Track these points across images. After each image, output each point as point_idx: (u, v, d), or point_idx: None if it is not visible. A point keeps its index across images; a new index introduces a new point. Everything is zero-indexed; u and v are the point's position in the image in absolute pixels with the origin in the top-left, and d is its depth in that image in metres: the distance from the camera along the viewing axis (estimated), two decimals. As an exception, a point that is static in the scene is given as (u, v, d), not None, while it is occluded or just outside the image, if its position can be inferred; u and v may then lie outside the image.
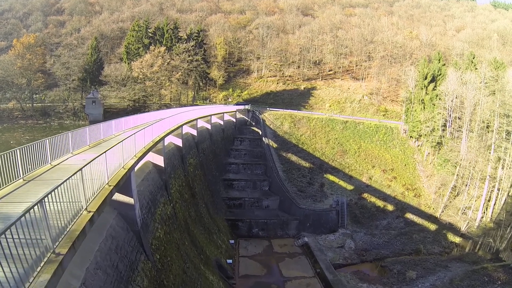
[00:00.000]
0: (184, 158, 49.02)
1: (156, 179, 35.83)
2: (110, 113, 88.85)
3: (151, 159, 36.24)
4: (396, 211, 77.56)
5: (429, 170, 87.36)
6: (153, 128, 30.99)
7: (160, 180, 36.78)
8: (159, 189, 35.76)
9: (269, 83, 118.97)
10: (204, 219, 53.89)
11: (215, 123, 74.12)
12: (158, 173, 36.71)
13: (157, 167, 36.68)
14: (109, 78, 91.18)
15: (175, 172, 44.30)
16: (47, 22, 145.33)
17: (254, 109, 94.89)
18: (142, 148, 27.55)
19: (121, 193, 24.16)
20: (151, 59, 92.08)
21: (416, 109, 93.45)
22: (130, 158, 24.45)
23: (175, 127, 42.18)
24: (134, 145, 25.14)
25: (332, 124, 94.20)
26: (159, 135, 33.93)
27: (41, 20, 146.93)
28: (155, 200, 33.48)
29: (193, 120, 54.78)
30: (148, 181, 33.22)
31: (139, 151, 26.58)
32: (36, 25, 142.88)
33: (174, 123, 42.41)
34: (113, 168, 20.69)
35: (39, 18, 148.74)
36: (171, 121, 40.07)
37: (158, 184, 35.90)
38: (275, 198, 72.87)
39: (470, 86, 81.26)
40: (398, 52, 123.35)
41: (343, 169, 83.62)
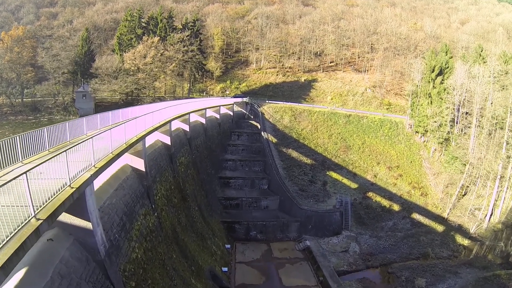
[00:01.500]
0: (173, 157, 42.54)
1: (136, 186, 29.43)
2: (102, 107, 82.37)
3: (130, 163, 29.81)
4: (402, 211, 71.63)
5: (436, 168, 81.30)
6: (126, 127, 24.38)
7: (141, 187, 30.39)
8: (139, 198, 29.40)
9: (268, 74, 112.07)
10: (196, 224, 47.69)
11: (211, 117, 67.58)
12: (138, 178, 30.30)
13: (137, 171, 30.24)
14: (100, 70, 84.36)
15: (162, 174, 37.86)
16: (39, 15, 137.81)
17: (252, 102, 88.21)
18: (109, 154, 21.13)
19: (74, 215, 17.81)
20: (144, 50, 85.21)
21: (423, 103, 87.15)
22: (87, 169, 17.99)
23: (161, 123, 35.65)
24: (93, 151, 18.51)
25: (335, 117, 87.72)
26: (137, 135, 27.43)
27: (33, 13, 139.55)
28: (133, 213, 27.17)
29: (184, 114, 48.21)
30: (124, 190, 26.87)
31: (103, 158, 20.12)
32: (28, 18, 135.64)
33: (160, 119, 35.91)
34: (53, 189, 14.28)
35: (31, 10, 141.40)
36: (155, 117, 33.48)
37: (138, 192, 29.52)
38: (274, 198, 66.46)
39: (479, 80, 75.08)
40: (402, 44, 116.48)
41: (347, 166, 77.29)
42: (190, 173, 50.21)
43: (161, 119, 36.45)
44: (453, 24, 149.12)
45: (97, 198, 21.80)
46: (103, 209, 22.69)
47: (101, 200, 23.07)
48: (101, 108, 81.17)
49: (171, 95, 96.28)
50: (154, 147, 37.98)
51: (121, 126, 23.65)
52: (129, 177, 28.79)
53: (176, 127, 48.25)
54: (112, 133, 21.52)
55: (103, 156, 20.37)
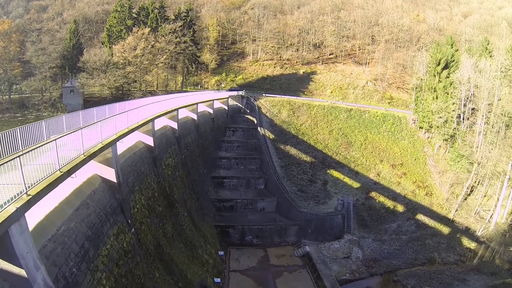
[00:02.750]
0: (157, 160, 37.13)
1: (106, 200, 24.14)
2: (91, 103, 76.28)
3: (99, 172, 24.42)
4: (406, 212, 66.88)
5: (441, 166, 76.30)
6: (87, 131, 18.95)
7: (113, 201, 25.10)
8: (110, 215, 24.13)
9: (265, 67, 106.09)
10: (186, 232, 42.54)
11: (203, 112, 62.15)
12: (109, 191, 24.97)
13: (108, 183, 24.88)
14: (88, 64, 78.37)
15: (142, 181, 32.48)
16: (29, 8, 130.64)
17: (248, 95, 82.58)
18: (56, 172, 15.73)
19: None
20: (134, 42, 78.94)
21: (427, 98, 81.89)
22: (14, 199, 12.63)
23: (139, 123, 30.18)
24: (22, 172, 13.06)
25: (335, 112, 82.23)
26: (104, 141, 22.05)
27: (22, 6, 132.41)
28: (99, 236, 21.91)
29: (172, 110, 42.74)
30: (89, 209, 21.60)
31: (44, 180, 14.69)
32: (17, 11, 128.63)
33: (141, 117, 30.53)
34: None
35: (20, 3, 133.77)
36: (131, 117, 28.03)
37: (109, 207, 24.26)
38: (271, 199, 61.09)
39: (486, 74, 70.05)
40: (404, 36, 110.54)
41: (349, 164, 71.98)
42: (178, 175, 44.83)
43: (142, 117, 31.09)
44: (455, 17, 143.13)
45: (45, 227, 16.92)
46: (55, 238, 17.61)
47: (54, 227, 18.07)
48: (90, 103, 75.10)
49: (163, 89, 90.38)
50: (134, 150, 32.56)
51: (77, 133, 18.24)
52: (97, 190, 23.49)
53: (162, 125, 42.99)
54: (63, 142, 16.07)
55: (45, 177, 14.95)
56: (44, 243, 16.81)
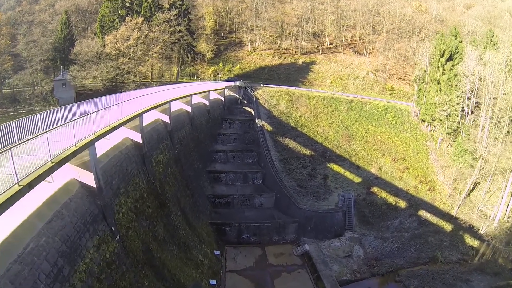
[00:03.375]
0: (147, 157, 34.06)
1: (85, 208, 21.26)
2: (83, 96, 73.27)
3: (77, 177, 21.44)
4: (409, 209, 64.57)
5: (444, 160, 73.80)
6: (49, 136, 15.89)
7: (93, 208, 22.22)
8: (90, 224, 21.30)
9: (263, 56, 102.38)
10: (179, 233, 39.69)
11: (198, 104, 59.00)
12: (89, 197, 22.00)
13: (87, 188, 21.89)
14: (79, 56, 74.78)
15: (129, 183, 29.49)
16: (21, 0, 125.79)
17: (246, 86, 79.30)
18: (15, 186, 12.75)
19: None
20: (127, 32, 75.19)
21: (430, 90, 78.99)
22: None
23: (124, 119, 27.18)
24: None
25: (336, 103, 79.11)
26: (79, 143, 19.06)
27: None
28: (76, 249, 19.13)
29: (164, 103, 39.60)
30: (63, 220, 18.83)
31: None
32: (9, 3, 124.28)
33: (127, 112, 27.50)
34: None
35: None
36: (115, 112, 25.00)
37: (88, 216, 21.40)
38: (270, 195, 58.13)
39: (491, 67, 67.19)
40: (406, 26, 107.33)
41: (349, 158, 69.11)
42: (171, 172, 41.83)
43: (128, 112, 28.06)
44: (457, 8, 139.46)
45: (11, 246, 14.74)
46: (21, 259, 15.02)
47: (20, 245, 15.36)
48: (83, 96, 71.95)
49: (158, 80, 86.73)
50: (120, 148, 29.54)
51: (44, 136, 15.21)
52: (75, 197, 20.54)
53: (153, 119, 39.87)
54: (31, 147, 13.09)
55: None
56: (9, 265, 14.12)
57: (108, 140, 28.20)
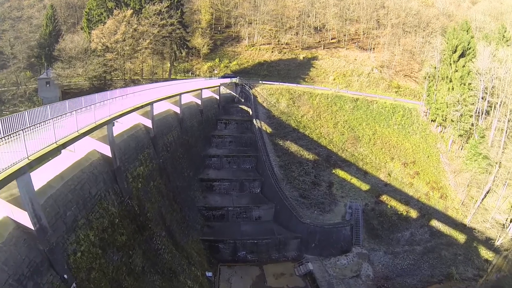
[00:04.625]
0: (119, 173, 27.15)
1: (18, 258, 14.89)
2: (70, 95, 64.64)
3: (11, 215, 14.54)
4: (420, 219, 58.43)
5: (456, 164, 67.29)
6: None
7: (35, 255, 15.48)
8: (27, 278, 15.24)
9: (262, 51, 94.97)
10: (163, 257, 32.95)
11: (189, 104, 52.05)
12: (27, 241, 15.18)
13: (24, 230, 14.97)
14: (63, 52, 67.60)
15: (92, 210, 22.82)
16: None
17: (243, 83, 72.04)
18: None
19: None
20: (114, 26, 67.75)
21: (441, 89, 72.12)
22: None
23: (86, 129, 20.24)
24: None
25: (340, 102, 71.94)
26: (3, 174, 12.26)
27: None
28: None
29: (145, 104, 32.48)
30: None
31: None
32: None
33: (78, 126, 20.40)
34: None
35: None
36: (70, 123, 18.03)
37: (24, 268, 14.96)
38: (269, 206, 51.21)
39: (507, 65, 61.56)
40: (412, 21, 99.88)
41: (356, 162, 62.16)
42: (154, 186, 34.82)
43: (97, 117, 21.13)
44: (463, 3, 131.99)
45: None
46: None
47: None
48: (69, 96, 64.15)
49: (149, 78, 78.88)
50: (81, 166, 22.82)
51: None
52: (6, 244, 13.63)
53: (132, 124, 32.86)
54: None
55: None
56: None
57: (72, 151, 21.39)
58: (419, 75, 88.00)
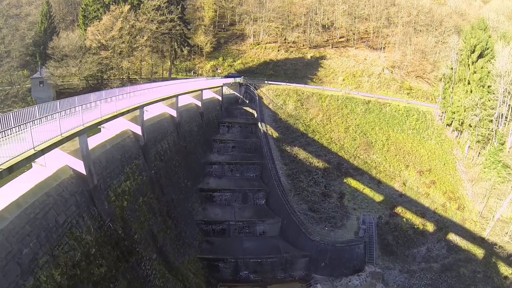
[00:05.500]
0: (97, 192, 22.26)
1: None
2: (65, 95, 59.34)
3: None
4: (437, 232, 53.33)
5: (473, 172, 62.06)
6: None
7: None
8: None
9: (268, 50, 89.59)
10: (153, 283, 28.11)
11: (188, 106, 46.99)
12: None
13: None
14: (56, 50, 63.05)
15: (59, 243, 18.19)
16: None
17: (248, 83, 66.81)
18: None
19: None
20: (110, 22, 62.90)
21: (457, 91, 66.90)
22: None
23: (54, 141, 15.34)
24: None
25: (351, 104, 66.64)
26: None
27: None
28: None
29: (134, 108, 27.40)
30: None
31: None
32: None
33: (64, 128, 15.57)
34: None
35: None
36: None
37: None
38: (274, 220, 45.99)
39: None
40: (424, 19, 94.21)
41: (369, 171, 56.90)
42: (143, 202, 29.76)
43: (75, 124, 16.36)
44: (474, 2, 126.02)
45: None
46: None
47: None
48: (64, 96, 59.59)
49: (148, 77, 73.51)
50: (48, 187, 17.80)
51: None
52: None
53: (118, 132, 27.82)
54: None
55: None
56: None
57: (44, 166, 16.46)
58: (431, 76, 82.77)
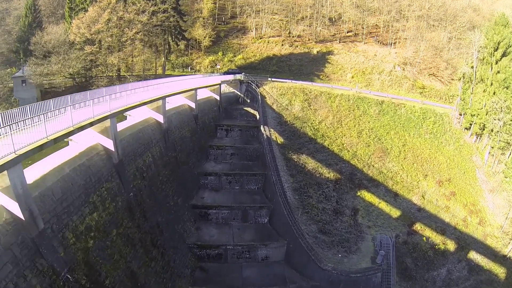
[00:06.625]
0: (45, 241, 15.09)
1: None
2: (51, 95, 53.95)
3: None
4: (458, 252, 47.56)
5: (494, 182, 55.82)
6: None
7: None
8: None
9: (271, 44, 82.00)
10: None
11: (179, 108, 39.91)
12: None
13: None
14: (38, 46, 56.25)
15: None
16: None
17: (249, 80, 59.53)
18: None
19: None
20: (96, 14, 55.87)
21: (477, 92, 60.36)
22: None
23: None
24: None
25: (364, 105, 59.48)
26: None
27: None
28: None
29: (103, 117, 20.30)
30: None
31: None
32: None
33: None
34: None
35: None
36: None
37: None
38: (279, 244, 38.59)
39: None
40: (438, 13, 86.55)
41: (385, 181, 49.98)
42: (118, 236, 22.96)
43: None
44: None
45: None
46: None
47: None
48: (49, 96, 53.04)
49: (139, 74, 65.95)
50: None
51: None
52: None
53: (83, 149, 20.74)
54: None
55: None
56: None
57: None
58: (445, 74, 75.55)
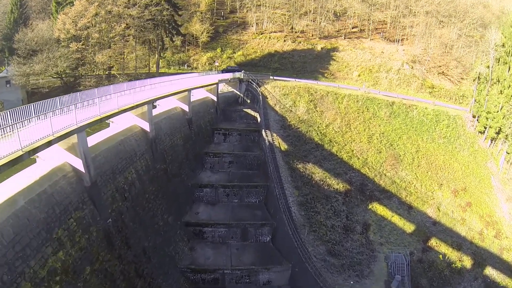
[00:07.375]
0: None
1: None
2: (38, 96, 50.03)
3: None
4: (475, 268, 43.44)
5: (510, 190, 51.06)
6: None
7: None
8: None
9: (273, 40, 76.74)
10: None
11: (170, 112, 34.95)
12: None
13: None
14: (21, 44, 51.86)
15: None
16: None
17: (250, 78, 54.58)
18: None
19: None
20: (82, 8, 50.88)
21: (492, 93, 55.85)
22: None
23: None
24: None
25: (373, 106, 54.50)
26: None
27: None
28: None
29: (66, 133, 15.44)
30: None
31: None
32: None
33: None
34: None
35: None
36: None
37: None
38: (283, 268, 33.48)
39: None
40: (447, 9, 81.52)
41: (398, 192, 45.12)
42: (92, 274, 18.15)
43: None
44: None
45: None
46: None
47: None
48: (37, 97, 49.06)
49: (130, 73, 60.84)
50: None
51: None
52: None
53: (50, 170, 16.02)
54: None
55: None
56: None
57: None
58: (455, 73, 70.99)
